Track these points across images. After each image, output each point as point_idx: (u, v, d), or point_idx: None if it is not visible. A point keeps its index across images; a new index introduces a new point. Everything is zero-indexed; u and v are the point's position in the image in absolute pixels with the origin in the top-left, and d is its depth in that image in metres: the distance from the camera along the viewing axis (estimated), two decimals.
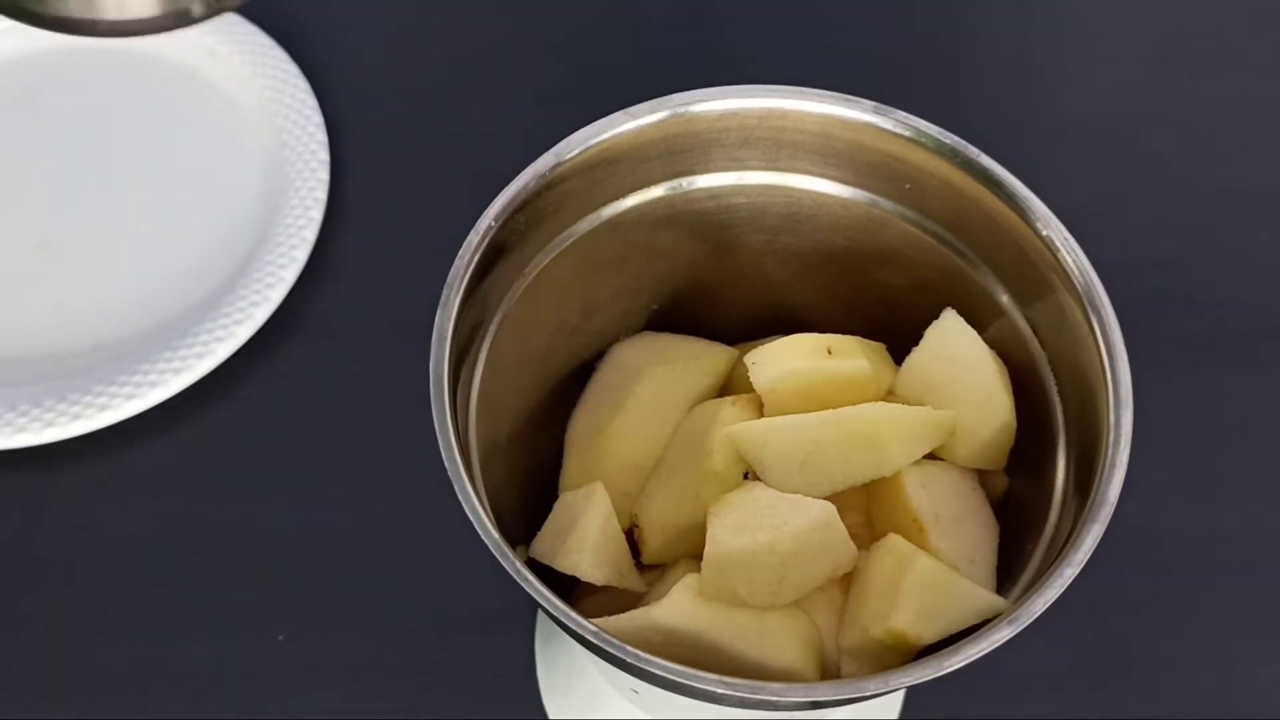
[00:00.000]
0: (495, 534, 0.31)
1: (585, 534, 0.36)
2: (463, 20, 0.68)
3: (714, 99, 0.38)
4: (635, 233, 0.40)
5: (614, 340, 0.43)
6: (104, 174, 0.61)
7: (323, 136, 0.60)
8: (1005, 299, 0.38)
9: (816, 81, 0.38)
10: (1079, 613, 0.48)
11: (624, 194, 0.39)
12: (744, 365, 0.38)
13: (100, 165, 0.61)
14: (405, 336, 0.41)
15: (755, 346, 0.39)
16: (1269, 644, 0.49)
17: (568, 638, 0.32)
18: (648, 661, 0.29)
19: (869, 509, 0.38)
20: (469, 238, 0.35)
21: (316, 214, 0.57)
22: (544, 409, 0.42)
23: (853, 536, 0.35)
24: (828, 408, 0.36)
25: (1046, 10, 0.69)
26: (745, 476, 0.37)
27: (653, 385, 0.40)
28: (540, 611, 0.48)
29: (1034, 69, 0.66)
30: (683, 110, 0.37)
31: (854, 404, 0.36)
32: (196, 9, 0.35)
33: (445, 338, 0.34)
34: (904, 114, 0.37)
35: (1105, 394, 0.33)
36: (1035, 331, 0.37)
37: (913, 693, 0.47)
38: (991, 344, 0.37)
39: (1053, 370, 0.37)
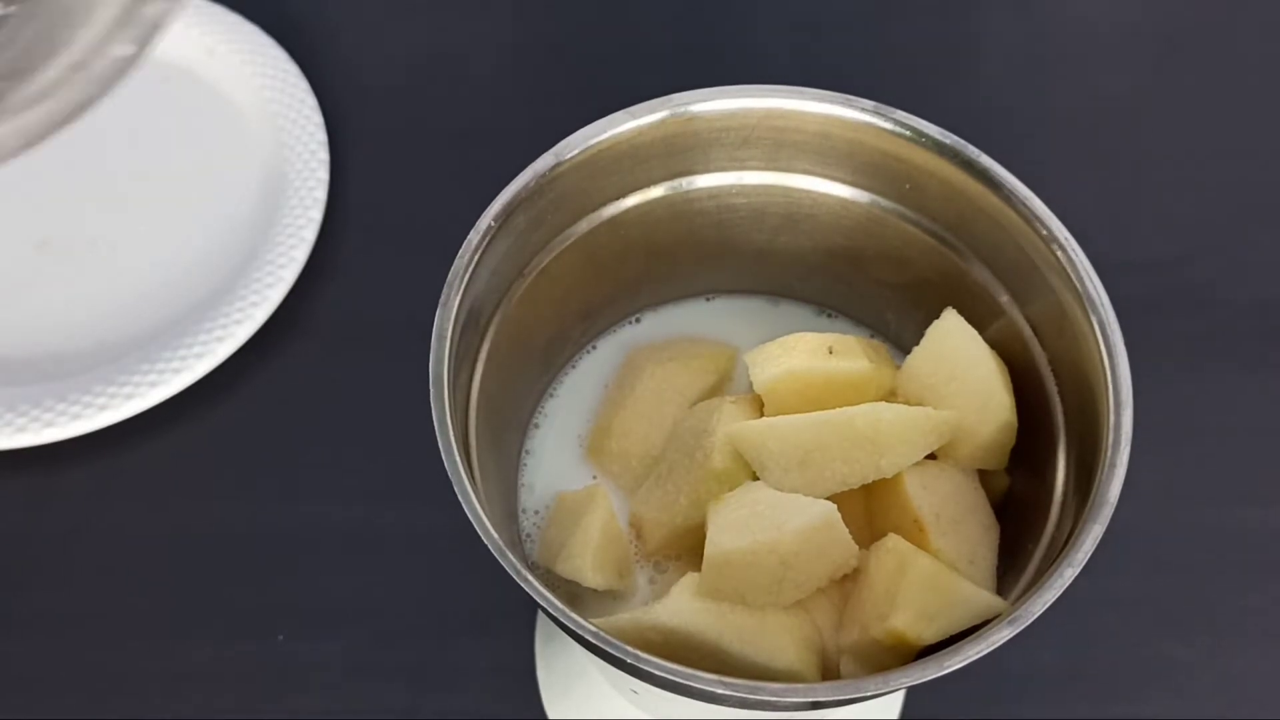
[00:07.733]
0: (495, 534, 0.31)
1: (586, 539, 0.36)
2: (463, 20, 0.68)
3: (714, 99, 0.38)
4: (635, 233, 0.40)
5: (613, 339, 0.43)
6: (104, 174, 0.61)
7: (323, 136, 0.60)
8: (1005, 299, 0.38)
9: (816, 81, 0.38)
10: (1079, 613, 0.48)
11: (624, 194, 0.39)
12: (744, 365, 0.38)
13: (100, 165, 0.61)
14: (405, 336, 0.41)
15: (755, 346, 0.39)
16: (1269, 644, 0.49)
17: (568, 638, 0.32)
18: (648, 661, 0.29)
19: (869, 509, 0.38)
20: (469, 238, 0.35)
21: (316, 214, 0.57)
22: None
23: (852, 536, 0.35)
24: (828, 408, 0.36)
25: (1046, 10, 0.69)
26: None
27: (653, 384, 0.40)
28: (540, 612, 0.48)
29: (1034, 69, 0.66)
30: (683, 110, 0.37)
31: (854, 404, 0.36)
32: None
33: (445, 338, 0.34)
34: (904, 114, 0.37)
35: (1105, 394, 0.33)
36: (1035, 331, 0.37)
37: (913, 693, 0.47)
38: (991, 344, 0.37)
39: (1053, 370, 0.37)
